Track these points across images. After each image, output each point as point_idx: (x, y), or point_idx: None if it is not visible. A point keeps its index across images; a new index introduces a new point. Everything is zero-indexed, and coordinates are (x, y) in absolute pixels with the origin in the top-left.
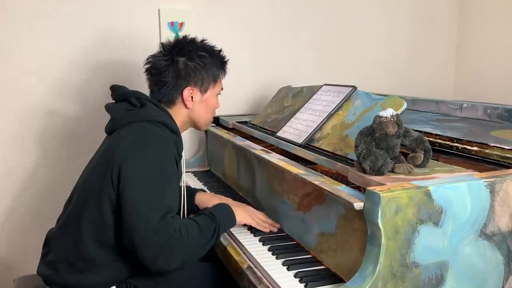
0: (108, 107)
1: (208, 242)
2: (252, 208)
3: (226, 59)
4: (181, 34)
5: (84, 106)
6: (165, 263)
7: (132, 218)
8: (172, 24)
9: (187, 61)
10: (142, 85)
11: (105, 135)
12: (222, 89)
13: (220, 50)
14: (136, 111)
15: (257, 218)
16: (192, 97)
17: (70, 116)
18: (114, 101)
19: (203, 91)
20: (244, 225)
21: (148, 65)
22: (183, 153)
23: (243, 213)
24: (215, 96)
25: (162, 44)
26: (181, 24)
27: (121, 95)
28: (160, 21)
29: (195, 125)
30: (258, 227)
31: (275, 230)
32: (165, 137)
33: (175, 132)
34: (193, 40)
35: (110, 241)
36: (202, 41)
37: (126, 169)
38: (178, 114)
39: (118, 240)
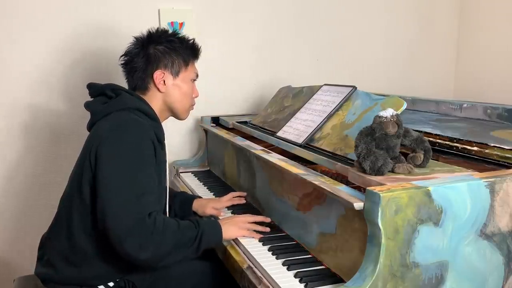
0: (86, 105)
1: (185, 248)
2: (240, 217)
3: (198, 45)
4: (181, 34)
5: (80, 105)
6: (133, 248)
7: (105, 197)
8: (172, 24)
9: (156, 45)
10: None
11: None
12: (197, 75)
13: (193, 40)
14: (111, 101)
15: (245, 226)
16: (164, 81)
17: (65, 115)
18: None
19: (175, 74)
20: None
21: (123, 57)
22: (165, 142)
23: (230, 228)
24: (190, 82)
25: (135, 37)
26: (181, 24)
27: (96, 90)
28: (160, 21)
29: (173, 112)
30: (250, 236)
31: (268, 230)
32: (141, 121)
33: (153, 118)
34: (165, 31)
35: (98, 232)
36: (174, 31)
37: (101, 153)
38: (154, 99)
39: None
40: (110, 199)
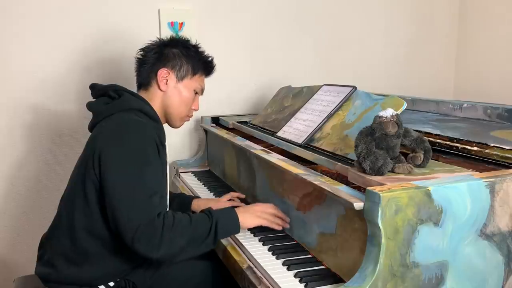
0: (89, 105)
1: (200, 241)
2: (259, 206)
3: (213, 64)
4: (181, 34)
5: (82, 106)
6: (145, 248)
7: (115, 200)
8: (172, 24)
9: (172, 48)
10: None
11: None
12: (203, 90)
13: (211, 57)
14: (114, 102)
15: (267, 215)
16: (167, 81)
17: (67, 116)
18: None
19: (179, 78)
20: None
21: (139, 51)
22: (166, 144)
23: (249, 216)
24: (192, 91)
25: (158, 38)
26: (181, 24)
27: (99, 91)
28: (160, 21)
29: (167, 117)
30: (271, 226)
31: (287, 226)
32: (144, 123)
33: (155, 119)
34: (187, 39)
35: (101, 231)
36: (197, 44)
37: (106, 155)
38: (154, 98)
39: (108, 230)
40: (119, 202)
